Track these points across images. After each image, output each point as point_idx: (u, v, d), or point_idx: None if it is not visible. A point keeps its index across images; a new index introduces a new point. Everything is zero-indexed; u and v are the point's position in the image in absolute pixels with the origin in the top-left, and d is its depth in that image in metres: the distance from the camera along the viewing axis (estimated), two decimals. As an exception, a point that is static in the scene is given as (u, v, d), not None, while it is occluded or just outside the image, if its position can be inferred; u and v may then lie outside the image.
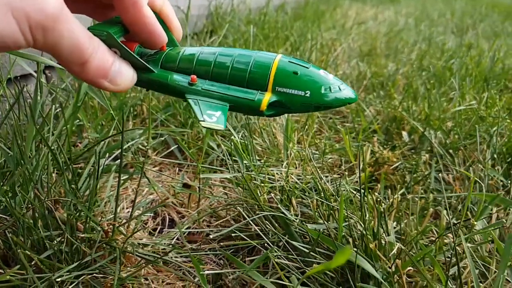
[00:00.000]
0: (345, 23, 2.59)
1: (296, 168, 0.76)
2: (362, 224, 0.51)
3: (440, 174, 0.72)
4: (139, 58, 0.36)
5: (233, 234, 0.63)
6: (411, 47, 1.69)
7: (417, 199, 0.59)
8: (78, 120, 0.83)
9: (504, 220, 0.62)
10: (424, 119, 0.90)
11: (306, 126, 0.90)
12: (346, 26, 2.48)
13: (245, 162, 0.66)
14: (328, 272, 0.49)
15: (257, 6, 2.31)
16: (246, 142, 0.76)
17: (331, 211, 0.55)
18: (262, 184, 0.61)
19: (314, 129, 0.93)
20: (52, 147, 0.57)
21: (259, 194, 0.60)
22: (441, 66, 1.25)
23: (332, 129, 0.98)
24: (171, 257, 0.61)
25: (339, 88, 0.35)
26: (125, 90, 0.36)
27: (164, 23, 0.38)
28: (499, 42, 2.02)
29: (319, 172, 0.67)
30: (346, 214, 0.54)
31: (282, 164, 0.76)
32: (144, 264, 0.56)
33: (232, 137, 0.64)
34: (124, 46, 0.35)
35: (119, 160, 0.56)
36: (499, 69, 1.32)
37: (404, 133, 0.83)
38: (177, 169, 0.86)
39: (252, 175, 0.63)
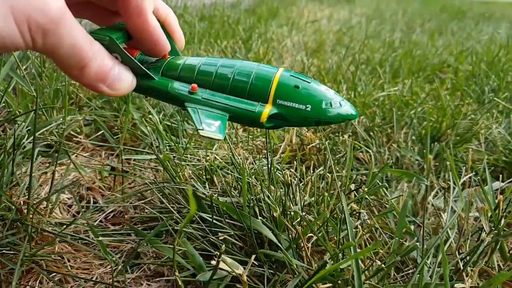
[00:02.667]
0: (299, 21, 2.64)
1: (225, 150, 0.78)
2: (270, 196, 0.53)
3: (361, 154, 0.76)
4: (140, 65, 0.35)
5: (157, 215, 0.64)
6: (358, 43, 1.75)
7: (329, 174, 0.62)
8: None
9: (413, 191, 0.66)
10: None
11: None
12: (299, 24, 2.52)
13: (169, 143, 0.67)
14: (236, 242, 0.51)
15: (210, 2, 2.32)
16: (176, 126, 0.77)
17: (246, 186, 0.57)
18: (183, 163, 0.62)
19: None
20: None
21: (179, 173, 0.61)
22: (378, 58, 1.30)
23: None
24: (92, 238, 0.62)
25: (340, 104, 0.35)
26: (124, 95, 0.35)
27: (167, 32, 0.38)
28: (442, 39, 2.12)
29: (244, 152, 0.69)
30: (259, 188, 0.56)
31: (214, 147, 0.77)
32: (57, 242, 0.56)
33: (150, 116, 0.65)
34: (126, 52, 0.34)
35: (33, 142, 0.56)
36: (435, 62, 1.38)
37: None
38: (109, 155, 0.86)
39: (173, 156, 0.64)
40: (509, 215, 0.54)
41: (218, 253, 0.35)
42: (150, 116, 0.65)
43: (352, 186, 0.62)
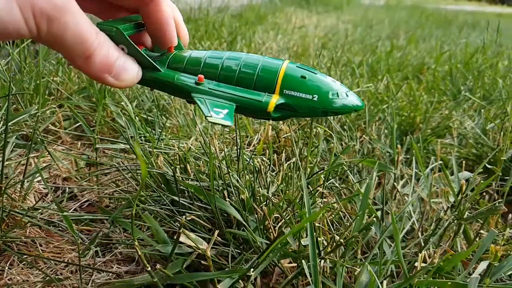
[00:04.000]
0: (286, 27, 2.67)
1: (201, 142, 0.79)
2: (239, 180, 0.55)
3: (333, 144, 0.78)
4: (146, 56, 0.35)
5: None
6: (341, 47, 1.77)
7: (303, 163, 0.63)
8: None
9: (384, 181, 0.67)
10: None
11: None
12: (286, 29, 2.55)
13: (143, 133, 0.68)
14: (205, 224, 0.52)
15: (197, 6, 2.34)
16: (153, 119, 0.78)
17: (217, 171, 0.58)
18: (155, 151, 0.63)
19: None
20: None
21: (152, 159, 0.62)
22: (359, 60, 1.32)
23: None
24: (65, 225, 0.62)
25: (346, 95, 0.35)
26: (130, 86, 0.35)
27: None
28: (425, 45, 2.16)
29: (219, 143, 0.70)
30: (229, 173, 0.57)
31: (190, 140, 0.78)
32: (28, 225, 0.56)
33: (124, 104, 0.66)
34: (132, 43, 0.34)
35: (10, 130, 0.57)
36: (415, 63, 1.41)
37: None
38: (86, 147, 0.86)
39: (147, 145, 0.65)
40: (470, 198, 0.55)
41: (179, 225, 0.36)
42: (127, 108, 0.66)
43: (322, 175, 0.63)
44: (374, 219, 0.42)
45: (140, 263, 0.56)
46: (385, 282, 0.39)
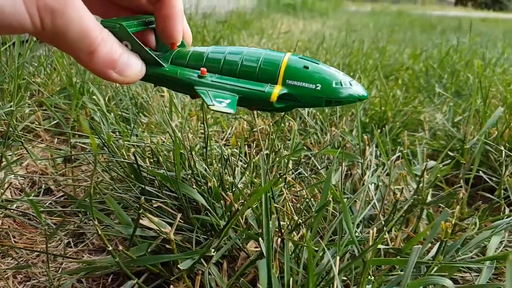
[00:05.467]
0: (272, 32, 2.70)
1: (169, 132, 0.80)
2: (207, 168, 0.56)
3: (310, 145, 0.79)
4: (149, 52, 0.36)
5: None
6: (322, 49, 1.80)
7: (273, 155, 0.65)
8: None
9: (351, 172, 0.69)
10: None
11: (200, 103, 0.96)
12: (271, 34, 2.58)
13: (117, 128, 0.69)
14: (171, 211, 0.53)
15: (187, 12, 2.36)
16: (129, 115, 0.80)
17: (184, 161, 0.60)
18: (126, 143, 0.64)
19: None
20: None
21: (123, 151, 0.64)
22: (337, 60, 1.35)
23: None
24: (41, 218, 0.63)
25: (350, 84, 0.35)
26: (133, 82, 0.35)
27: None
28: (409, 48, 2.19)
29: (193, 137, 0.72)
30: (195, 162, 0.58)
31: (166, 134, 0.80)
32: (1, 217, 0.57)
33: (96, 99, 0.67)
34: (136, 39, 0.34)
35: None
36: (393, 63, 1.44)
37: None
38: (64, 144, 0.87)
39: (115, 137, 0.66)
40: (431, 184, 0.57)
41: (138, 205, 0.37)
42: (99, 102, 0.67)
43: (291, 165, 0.65)
44: (331, 199, 0.44)
45: (111, 253, 0.57)
46: (338, 260, 0.40)
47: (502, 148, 0.64)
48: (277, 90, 0.35)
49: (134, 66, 0.34)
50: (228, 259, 0.52)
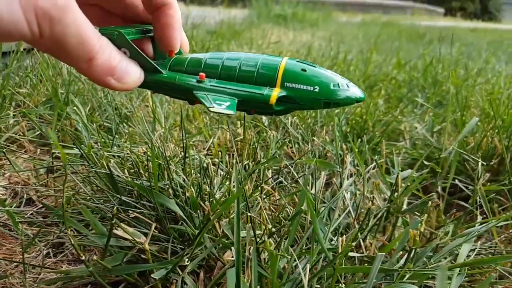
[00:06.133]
0: (262, 43, 2.73)
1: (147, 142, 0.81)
2: (186, 179, 0.57)
3: (290, 149, 0.81)
4: (148, 58, 0.36)
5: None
6: (311, 60, 1.82)
7: (251, 164, 0.66)
8: None
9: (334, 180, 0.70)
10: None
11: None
12: (261, 45, 2.60)
13: (97, 138, 0.69)
14: (148, 221, 0.54)
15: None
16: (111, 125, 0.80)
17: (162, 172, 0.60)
18: (105, 153, 0.65)
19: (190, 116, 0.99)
20: None
21: (102, 161, 0.64)
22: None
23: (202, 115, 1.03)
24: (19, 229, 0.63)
25: (347, 86, 0.36)
26: (132, 89, 0.35)
27: None
28: (395, 58, 2.23)
29: (175, 147, 0.72)
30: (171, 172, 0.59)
31: (149, 144, 0.81)
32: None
33: (77, 110, 0.68)
34: (134, 46, 0.34)
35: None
36: (378, 73, 1.46)
37: (264, 117, 0.91)
38: (47, 155, 0.88)
39: (96, 148, 0.67)
40: (406, 192, 0.58)
41: (112, 215, 0.38)
42: (79, 113, 0.68)
43: (269, 173, 0.66)
44: (303, 207, 0.45)
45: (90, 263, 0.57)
46: (308, 267, 0.41)
47: (477, 157, 0.65)
48: (276, 93, 0.35)
49: (133, 73, 0.34)
50: (206, 268, 0.53)
